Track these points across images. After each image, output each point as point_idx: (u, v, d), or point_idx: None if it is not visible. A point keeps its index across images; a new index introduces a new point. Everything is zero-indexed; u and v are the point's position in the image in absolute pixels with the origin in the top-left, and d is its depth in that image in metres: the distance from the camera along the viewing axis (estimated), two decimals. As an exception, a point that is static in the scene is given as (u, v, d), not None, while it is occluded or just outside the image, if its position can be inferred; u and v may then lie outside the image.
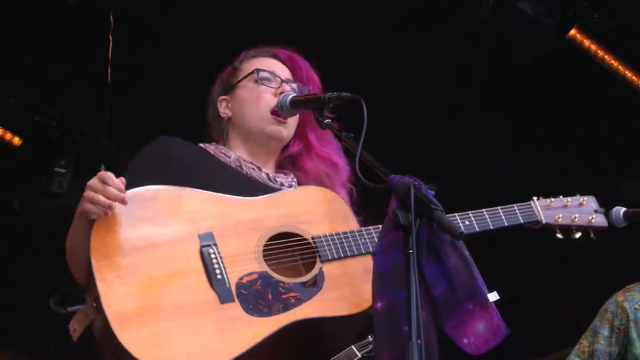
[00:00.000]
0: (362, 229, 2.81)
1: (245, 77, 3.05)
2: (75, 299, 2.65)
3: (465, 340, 2.34)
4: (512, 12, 5.48)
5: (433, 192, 2.37)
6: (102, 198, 2.57)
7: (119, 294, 2.50)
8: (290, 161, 3.11)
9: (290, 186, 2.98)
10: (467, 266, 2.37)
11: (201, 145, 3.02)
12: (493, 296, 2.28)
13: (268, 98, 2.98)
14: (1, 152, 6.37)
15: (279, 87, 3.00)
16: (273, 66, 3.07)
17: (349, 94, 2.68)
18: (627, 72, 5.99)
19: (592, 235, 3.14)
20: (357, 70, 5.92)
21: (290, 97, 2.92)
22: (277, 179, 2.98)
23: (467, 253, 2.39)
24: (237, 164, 2.96)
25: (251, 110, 3.00)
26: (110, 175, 2.60)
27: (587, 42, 5.80)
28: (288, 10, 5.67)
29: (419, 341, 2.20)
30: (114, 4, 5.53)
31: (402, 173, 2.41)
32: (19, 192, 6.50)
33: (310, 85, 3.10)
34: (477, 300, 2.37)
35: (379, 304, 2.35)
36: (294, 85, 3.05)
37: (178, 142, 2.92)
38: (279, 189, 2.93)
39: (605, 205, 3.65)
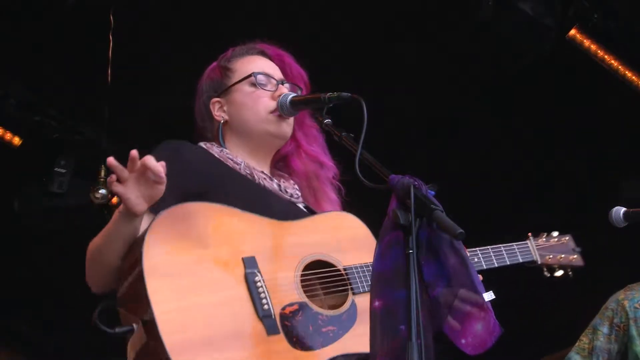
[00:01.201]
0: None
1: (241, 80, 3.00)
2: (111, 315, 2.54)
3: (464, 341, 2.34)
4: (512, 12, 5.48)
5: (433, 192, 2.37)
6: (125, 171, 2.44)
7: (178, 321, 2.42)
8: (282, 161, 3.10)
9: (298, 197, 2.98)
10: (466, 266, 2.37)
11: (203, 146, 2.96)
12: (489, 295, 2.29)
13: (266, 102, 2.95)
14: (1, 152, 6.37)
15: (275, 90, 2.97)
16: (265, 66, 3.03)
17: (349, 94, 2.68)
18: (627, 72, 5.99)
19: (569, 273, 3.47)
20: (356, 70, 5.92)
21: (290, 97, 2.91)
22: (287, 189, 2.97)
23: (465, 253, 2.39)
24: (248, 171, 2.91)
25: (250, 115, 2.96)
26: (151, 160, 2.46)
27: (587, 42, 5.80)
28: (288, 10, 5.67)
29: (418, 341, 2.20)
30: (114, 4, 5.53)
31: (402, 173, 2.41)
32: (19, 192, 6.50)
33: (301, 83, 3.09)
34: (475, 301, 2.37)
35: (376, 303, 2.35)
36: (288, 86, 3.03)
37: (188, 147, 2.86)
38: (289, 200, 2.93)
39: (605, 205, 3.66)
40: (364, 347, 2.56)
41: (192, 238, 2.55)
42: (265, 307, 2.55)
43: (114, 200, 6.68)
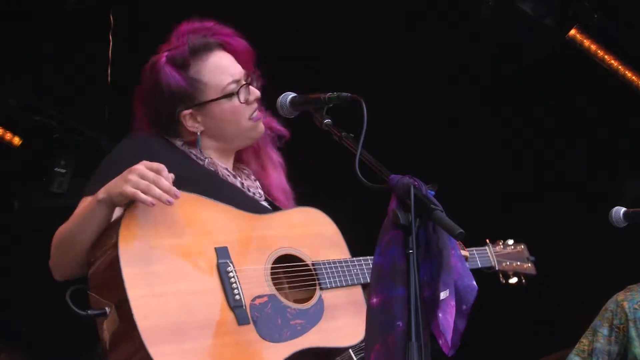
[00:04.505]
0: (354, 259, 2.89)
1: (220, 98, 2.91)
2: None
3: (440, 341, 2.35)
4: (512, 12, 5.48)
5: (433, 192, 2.37)
6: (155, 188, 2.50)
7: (152, 307, 2.46)
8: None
9: (261, 196, 2.99)
10: (464, 268, 2.38)
11: (169, 140, 2.92)
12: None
13: (243, 110, 2.93)
14: (1, 152, 6.37)
15: (249, 97, 2.94)
16: (230, 68, 2.95)
17: (349, 94, 2.68)
18: (627, 72, 5.99)
19: (523, 281, 3.55)
20: (356, 70, 5.92)
21: (290, 97, 2.90)
22: (250, 189, 2.97)
23: (460, 253, 2.39)
24: (212, 168, 2.91)
25: (232, 127, 2.94)
26: (164, 167, 2.55)
27: (587, 42, 5.80)
28: (288, 10, 5.67)
29: (418, 341, 2.21)
30: (114, 4, 5.54)
31: (402, 173, 2.41)
32: (19, 192, 6.50)
33: (250, 61, 3.02)
34: (469, 303, 2.37)
35: (374, 300, 2.35)
36: (253, 82, 2.97)
37: (152, 142, 2.85)
38: (253, 198, 2.94)
39: (605, 205, 3.66)
40: (329, 342, 2.69)
41: (167, 225, 2.58)
42: (237, 297, 2.58)
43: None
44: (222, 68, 2.95)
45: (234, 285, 2.60)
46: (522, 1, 5.46)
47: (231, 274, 2.61)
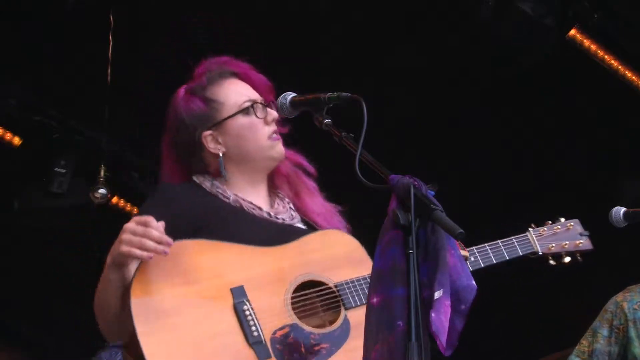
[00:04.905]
0: None
1: (237, 113, 2.98)
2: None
3: (438, 341, 2.35)
4: (512, 12, 5.48)
5: (433, 192, 2.37)
6: (147, 241, 2.55)
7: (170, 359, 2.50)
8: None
9: (293, 219, 3.01)
10: (463, 267, 2.38)
11: (196, 181, 2.98)
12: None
13: (262, 128, 2.98)
14: (1, 152, 6.37)
15: (266, 115, 2.99)
16: (246, 91, 3.03)
17: (349, 94, 2.68)
18: (627, 72, 5.99)
19: (578, 257, 3.42)
20: (356, 72, 5.92)
21: (290, 97, 2.91)
22: (278, 215, 2.98)
23: (460, 253, 2.39)
24: (237, 204, 2.94)
25: (251, 145, 2.98)
26: (151, 219, 2.59)
27: (587, 42, 5.80)
28: (288, 11, 5.67)
29: (418, 342, 2.20)
30: (114, 4, 5.54)
31: (402, 173, 2.41)
32: (19, 192, 6.50)
33: (270, 95, 3.07)
34: (468, 302, 2.37)
35: (374, 299, 2.35)
36: (271, 106, 3.03)
37: (178, 189, 2.92)
38: (282, 224, 2.95)
39: (605, 205, 3.65)
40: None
41: (179, 275, 2.62)
42: (255, 333, 2.61)
43: (114, 200, 6.69)
44: (238, 89, 3.02)
45: (251, 322, 2.62)
46: (522, 1, 5.45)
47: (247, 312, 2.63)
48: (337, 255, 2.89)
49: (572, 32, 5.74)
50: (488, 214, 6.51)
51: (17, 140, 6.38)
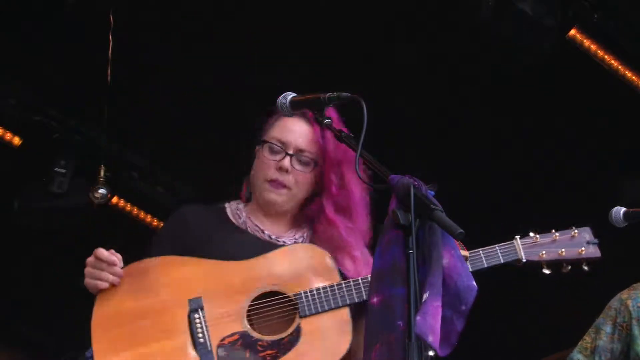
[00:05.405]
0: (342, 282, 2.93)
1: (260, 143, 3.14)
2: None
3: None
4: (512, 12, 5.48)
5: (433, 192, 2.37)
6: (103, 273, 2.88)
7: None
8: (309, 217, 3.17)
9: (295, 242, 3.10)
10: (463, 268, 2.37)
11: (225, 205, 3.17)
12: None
13: (266, 169, 3.08)
14: (1, 152, 6.37)
15: (279, 161, 3.06)
16: (292, 132, 3.09)
17: (349, 94, 2.68)
18: (627, 72, 5.98)
19: (584, 266, 3.25)
20: (356, 70, 5.92)
21: (290, 97, 2.91)
22: (279, 239, 3.07)
23: (459, 253, 2.39)
24: (245, 226, 3.09)
25: (255, 178, 3.14)
26: (101, 252, 2.89)
27: (587, 42, 5.80)
28: (288, 10, 5.67)
29: (418, 342, 2.20)
30: (114, 4, 5.53)
31: (402, 173, 2.41)
32: (19, 192, 6.50)
33: (334, 166, 3.10)
34: (468, 303, 2.36)
35: (374, 299, 2.36)
36: (297, 158, 3.08)
37: (197, 211, 3.12)
38: (267, 241, 3.07)
39: (605, 205, 3.65)
40: None
41: (144, 289, 2.89)
42: (201, 340, 2.81)
43: (114, 200, 6.69)
44: (286, 125, 3.11)
45: (200, 330, 2.82)
46: (522, 1, 5.45)
47: (197, 320, 2.84)
48: (303, 267, 2.98)
49: (572, 32, 5.73)
50: (488, 214, 6.51)
51: (17, 140, 6.37)
